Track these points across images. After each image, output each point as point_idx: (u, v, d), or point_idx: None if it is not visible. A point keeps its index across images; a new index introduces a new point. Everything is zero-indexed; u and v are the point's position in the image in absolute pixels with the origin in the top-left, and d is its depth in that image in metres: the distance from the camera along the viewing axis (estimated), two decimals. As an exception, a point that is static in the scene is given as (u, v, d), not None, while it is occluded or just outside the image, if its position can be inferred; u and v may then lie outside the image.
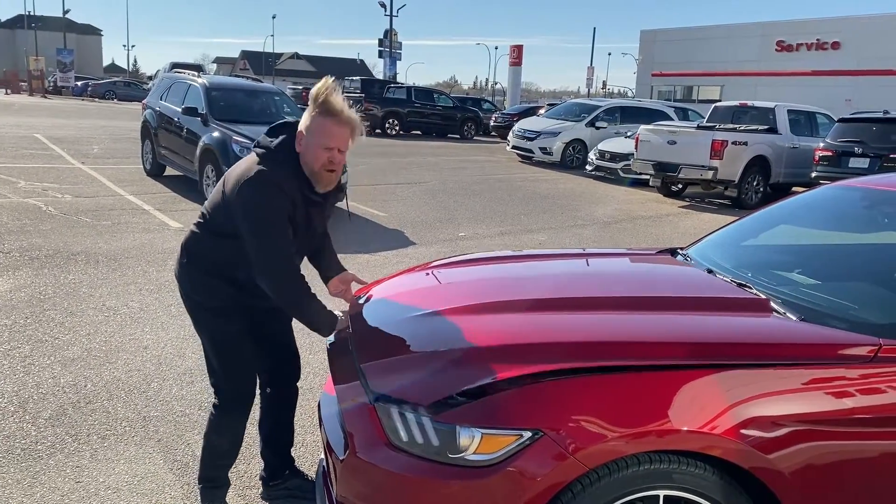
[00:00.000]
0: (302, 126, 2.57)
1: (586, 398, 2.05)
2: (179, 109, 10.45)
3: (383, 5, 41.59)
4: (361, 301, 3.06)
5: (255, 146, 2.63)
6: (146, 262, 6.60)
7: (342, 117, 2.52)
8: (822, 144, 12.33)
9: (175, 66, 28.05)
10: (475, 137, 26.44)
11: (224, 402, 2.77)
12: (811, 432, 2.06)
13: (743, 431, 2.00)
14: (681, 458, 2.00)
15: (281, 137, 2.60)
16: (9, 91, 44.01)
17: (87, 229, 7.75)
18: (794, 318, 2.42)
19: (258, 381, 2.90)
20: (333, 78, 2.57)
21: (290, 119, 2.71)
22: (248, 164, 2.57)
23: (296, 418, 3.65)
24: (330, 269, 2.93)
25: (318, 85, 2.52)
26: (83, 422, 3.58)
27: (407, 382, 2.19)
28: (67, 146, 15.04)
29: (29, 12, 65.52)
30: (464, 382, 2.11)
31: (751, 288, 2.66)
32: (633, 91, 44.06)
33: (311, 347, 4.57)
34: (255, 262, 2.50)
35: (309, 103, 2.56)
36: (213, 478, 2.85)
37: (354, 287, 2.97)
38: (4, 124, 19.36)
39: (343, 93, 2.60)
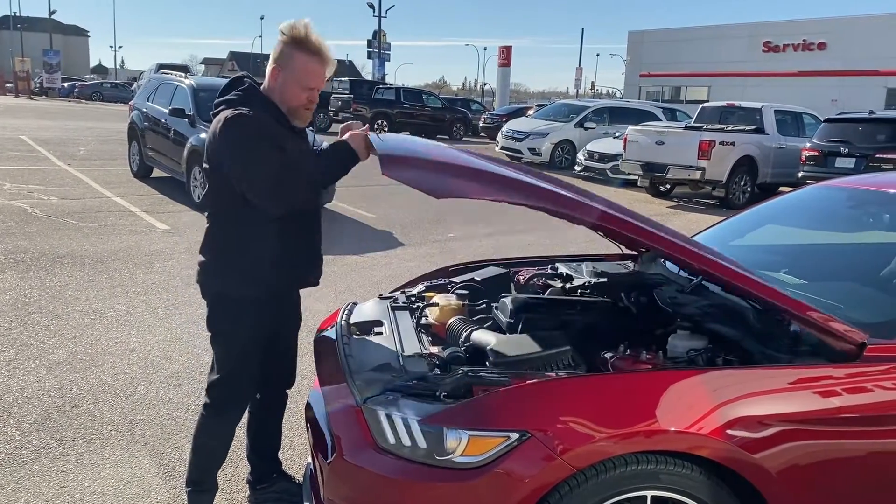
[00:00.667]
0: (276, 62, 2.49)
1: (574, 399, 2.05)
2: (166, 111, 10.39)
3: (372, 6, 41.52)
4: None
5: (215, 105, 2.54)
6: (133, 265, 6.56)
7: (323, 56, 2.48)
8: (808, 144, 12.41)
9: (161, 67, 27.91)
10: (464, 138, 26.45)
11: (221, 404, 2.72)
12: (798, 432, 2.07)
13: (730, 431, 2.01)
14: (668, 459, 2.00)
15: (243, 86, 2.53)
16: (-6, 92, 43.64)
17: (74, 231, 7.69)
18: None
19: None
20: (309, 19, 2.51)
21: (239, 74, 2.64)
22: (218, 118, 2.49)
23: (284, 420, 3.64)
24: None
25: (294, 21, 2.46)
26: (68, 426, 3.55)
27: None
28: (53, 148, 14.93)
29: (14, 13, 65.05)
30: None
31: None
32: (622, 92, 44.24)
33: (300, 349, 4.55)
34: (260, 190, 2.39)
35: (282, 36, 2.48)
36: (202, 481, 2.82)
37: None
38: (-11, 126, 19.19)
39: (332, 93, 2.61)
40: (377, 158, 2.37)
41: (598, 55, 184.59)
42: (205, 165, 2.58)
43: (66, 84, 47.62)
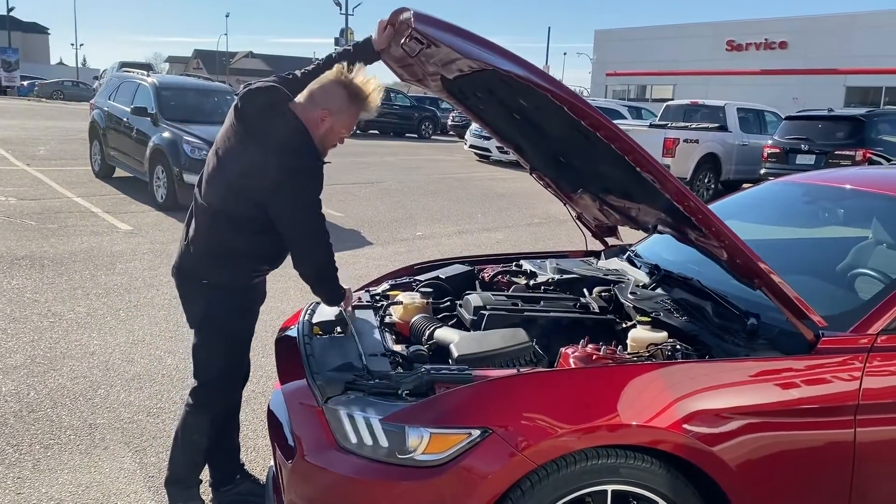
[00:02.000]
0: (326, 108, 2.49)
1: (535, 395, 2.06)
2: (128, 109, 10.22)
3: (339, 4, 41.28)
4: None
5: (259, 114, 2.49)
6: (94, 266, 6.44)
7: (371, 108, 2.58)
8: (770, 142, 12.63)
9: (124, 65, 27.45)
10: (433, 137, 26.42)
11: (210, 400, 2.73)
12: (756, 424, 2.11)
13: (689, 424, 2.03)
14: (628, 453, 2.02)
15: (281, 112, 2.50)
16: (-49, 91, 42.54)
17: (33, 233, 7.52)
18: None
19: None
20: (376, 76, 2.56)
21: (270, 86, 2.57)
22: (295, 140, 2.46)
23: (248, 422, 3.60)
24: None
25: (369, 78, 2.52)
26: (25, 431, 3.47)
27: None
28: (12, 147, 14.58)
29: (-29, 10, 63.37)
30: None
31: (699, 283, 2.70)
32: (589, 90, 44.54)
33: (264, 350, 4.51)
34: (302, 257, 2.58)
35: (342, 78, 2.50)
36: (187, 478, 2.80)
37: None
38: (-55, 125, 18.69)
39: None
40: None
41: (565, 54, 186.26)
42: (220, 166, 2.55)
43: (25, 82, 46.53)
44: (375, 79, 2.54)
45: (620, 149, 2.18)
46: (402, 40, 2.34)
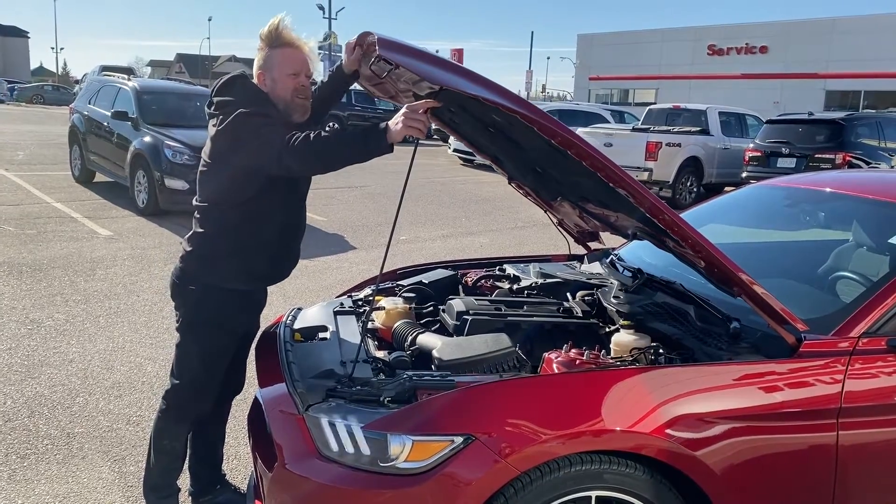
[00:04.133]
0: (259, 68, 2.56)
1: (518, 401, 2.04)
2: (109, 113, 10.11)
3: (322, 8, 41.19)
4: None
5: (216, 104, 2.54)
6: (73, 272, 6.36)
7: (297, 44, 2.54)
8: (751, 145, 12.73)
9: (105, 69, 27.21)
10: (419, 141, 26.40)
11: (185, 404, 2.68)
12: (739, 428, 2.11)
13: (672, 429, 2.03)
14: (612, 458, 2.01)
15: (244, 85, 2.56)
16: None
17: (11, 238, 7.42)
18: None
19: None
20: (284, 12, 2.55)
21: (236, 73, 2.63)
22: (248, 99, 2.49)
23: (229, 430, 3.55)
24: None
25: (269, 23, 2.53)
26: (1, 441, 3.40)
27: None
28: (-10, 152, 14.40)
29: (-51, 13, 62.71)
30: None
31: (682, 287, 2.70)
32: (572, 94, 44.76)
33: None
34: (290, 159, 2.31)
35: (260, 43, 2.55)
36: (165, 485, 2.76)
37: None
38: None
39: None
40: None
41: (548, 58, 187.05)
42: (207, 161, 2.54)
43: (7, 88, 46.00)
44: (276, 17, 2.55)
45: (592, 165, 2.19)
46: (371, 62, 2.37)
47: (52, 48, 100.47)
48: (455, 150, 18.83)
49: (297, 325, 2.78)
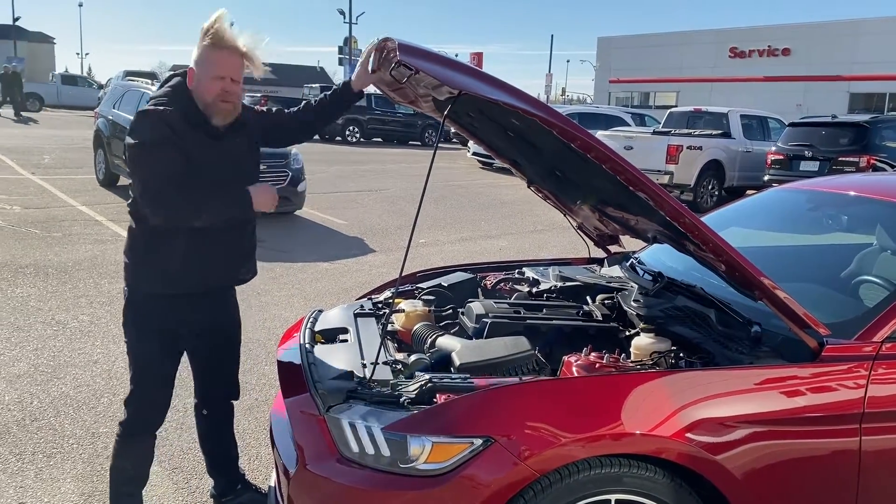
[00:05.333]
0: (193, 63, 2.48)
1: (538, 403, 2.05)
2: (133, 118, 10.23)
3: (342, 13, 41.42)
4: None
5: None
6: (98, 274, 6.45)
7: (231, 47, 2.44)
8: (773, 148, 12.62)
9: (129, 74, 27.55)
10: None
11: (130, 423, 2.65)
12: (761, 433, 2.09)
13: (693, 433, 2.02)
14: (632, 462, 2.01)
15: (171, 81, 2.54)
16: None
17: (37, 241, 7.54)
18: None
19: (195, 404, 2.89)
20: (224, 9, 2.48)
21: (178, 71, 2.59)
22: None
23: (251, 431, 3.59)
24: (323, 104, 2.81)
25: (210, 18, 2.45)
26: (28, 440, 3.47)
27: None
28: (17, 156, 14.64)
29: (-23, 19, 63.81)
30: None
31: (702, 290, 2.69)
32: (592, 97, 44.61)
33: (267, 358, 4.51)
34: (143, 195, 2.39)
35: (199, 37, 2.46)
36: None
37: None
38: (-49, 134, 18.77)
39: (302, 99, 2.58)
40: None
41: (568, 61, 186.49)
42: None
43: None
44: (216, 13, 2.46)
45: (612, 169, 2.19)
46: (390, 67, 2.38)
47: (77, 53, 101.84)
48: (474, 154, 18.85)
49: (317, 327, 2.80)
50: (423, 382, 2.13)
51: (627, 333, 2.64)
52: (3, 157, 14.50)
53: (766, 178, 12.23)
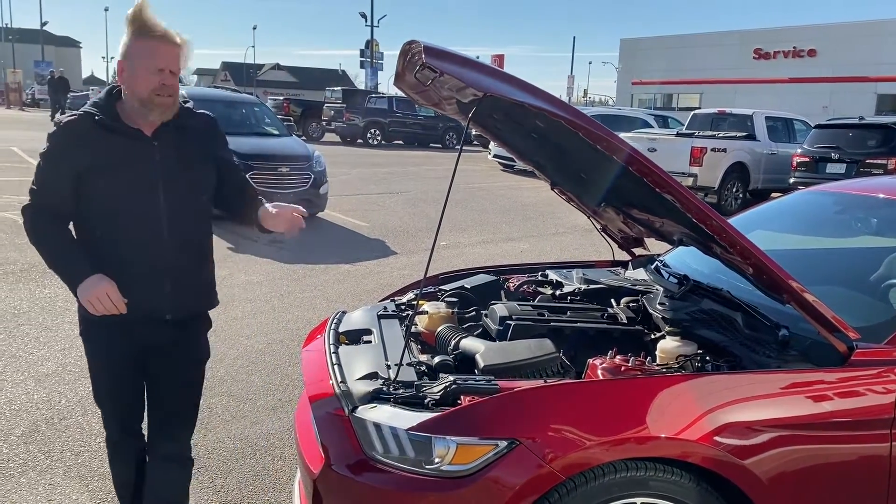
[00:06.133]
0: (121, 57, 2.22)
1: (563, 406, 2.04)
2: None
3: (364, 16, 41.64)
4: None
5: None
6: (124, 275, 6.51)
7: (166, 35, 2.22)
8: (799, 150, 12.47)
9: (154, 77, 27.73)
10: (457, 146, 26.48)
11: (104, 421, 2.53)
12: (789, 437, 2.07)
13: (720, 437, 2.00)
14: (658, 465, 2.00)
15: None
16: (-14, 104, 43.55)
17: (64, 242, 7.64)
18: None
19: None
20: None
21: None
22: None
23: (276, 431, 3.61)
24: (253, 210, 2.49)
25: (135, 5, 2.21)
26: (56, 438, 3.52)
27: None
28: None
29: (6, 24, 65.03)
30: None
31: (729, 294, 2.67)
32: (614, 99, 44.40)
33: (291, 359, 4.53)
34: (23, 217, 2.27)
35: (125, 29, 2.23)
36: None
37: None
38: (-19, 137, 19.12)
39: (324, 102, 2.48)
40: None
41: (590, 63, 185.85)
42: None
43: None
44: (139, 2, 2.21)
45: (638, 171, 2.18)
46: (415, 70, 2.39)
47: (103, 57, 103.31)
48: (495, 156, 18.83)
49: (341, 328, 2.81)
50: (447, 384, 2.13)
51: (653, 336, 2.62)
52: (31, 160, 14.72)
53: (791, 180, 12.09)
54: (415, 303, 2.99)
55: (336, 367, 2.42)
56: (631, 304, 2.87)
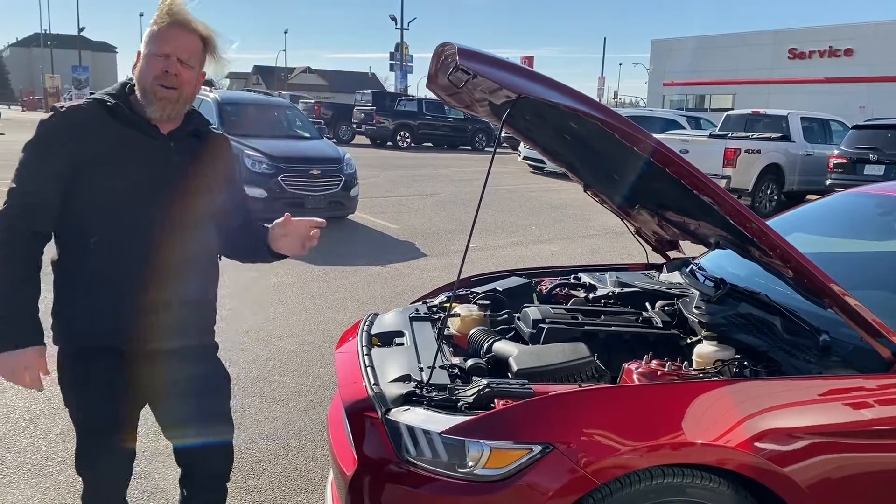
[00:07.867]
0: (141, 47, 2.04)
1: (597, 411, 2.02)
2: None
3: (394, 19, 41.83)
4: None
5: None
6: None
7: (185, 22, 1.99)
8: (836, 152, 12.23)
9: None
10: (486, 149, 26.47)
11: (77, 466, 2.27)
12: (829, 444, 2.03)
13: (758, 444, 1.97)
14: (695, 472, 1.96)
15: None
16: (25, 108, 44.58)
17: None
18: None
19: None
20: None
21: None
22: None
23: (307, 432, 3.62)
24: (261, 242, 2.30)
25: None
26: (94, 437, 3.57)
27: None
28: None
29: (45, 30, 66.55)
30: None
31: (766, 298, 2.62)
32: (645, 100, 44.00)
33: (322, 360, 4.56)
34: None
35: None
36: None
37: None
38: (19, 140, 19.50)
39: (354, 105, 2.44)
40: None
41: (620, 64, 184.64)
42: None
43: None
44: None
45: (675, 172, 2.15)
46: (449, 72, 2.38)
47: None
48: (525, 158, 18.77)
49: (374, 330, 2.81)
50: (481, 387, 2.12)
51: (689, 341, 2.59)
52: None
53: (827, 182, 11.87)
54: (447, 305, 2.99)
55: (369, 369, 2.43)
56: (666, 308, 2.83)
